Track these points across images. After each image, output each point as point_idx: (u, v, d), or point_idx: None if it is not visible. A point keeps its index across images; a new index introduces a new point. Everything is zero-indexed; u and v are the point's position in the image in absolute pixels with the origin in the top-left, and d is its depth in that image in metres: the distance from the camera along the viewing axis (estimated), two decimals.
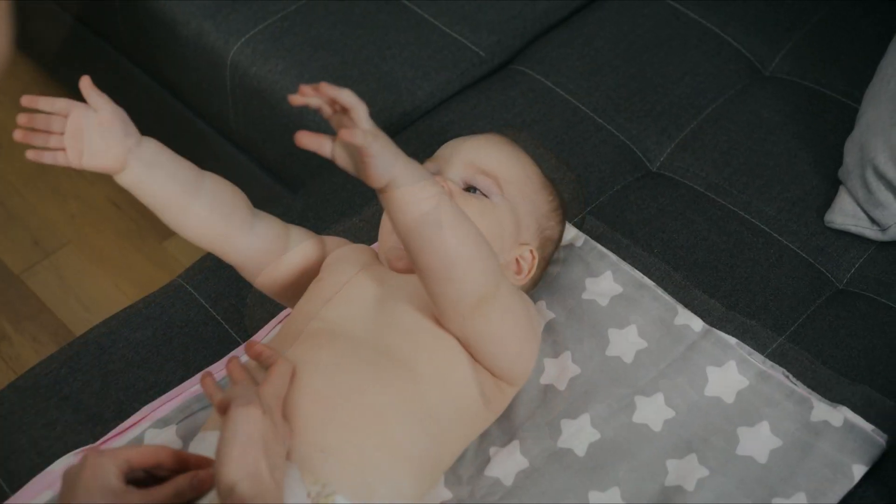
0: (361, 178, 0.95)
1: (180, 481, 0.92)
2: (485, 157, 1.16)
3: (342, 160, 0.95)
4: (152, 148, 1.05)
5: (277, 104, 1.54)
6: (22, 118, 1.01)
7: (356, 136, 0.90)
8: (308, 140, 0.93)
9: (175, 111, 1.78)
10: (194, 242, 1.11)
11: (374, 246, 1.25)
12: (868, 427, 1.12)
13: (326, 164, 1.52)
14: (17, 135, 1.02)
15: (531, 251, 1.16)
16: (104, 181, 2.07)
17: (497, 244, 1.12)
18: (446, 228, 0.97)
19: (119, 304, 1.91)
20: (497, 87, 1.49)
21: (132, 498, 0.88)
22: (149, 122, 1.85)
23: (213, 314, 1.26)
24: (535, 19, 1.60)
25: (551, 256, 1.23)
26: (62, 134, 1.02)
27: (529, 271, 1.17)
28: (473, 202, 1.12)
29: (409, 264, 1.12)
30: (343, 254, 1.15)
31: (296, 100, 0.93)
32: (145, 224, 2.00)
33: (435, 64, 1.54)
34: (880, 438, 1.12)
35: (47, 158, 1.02)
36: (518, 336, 1.07)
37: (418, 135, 1.40)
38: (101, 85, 1.94)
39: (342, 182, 1.40)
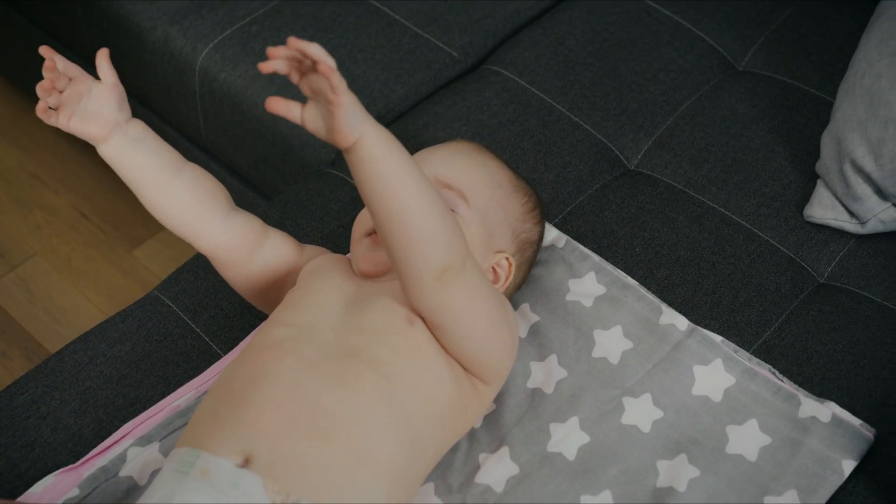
0: (331, 136, 0.95)
1: None
2: (449, 169, 1.16)
3: (312, 123, 0.96)
4: (139, 127, 1.09)
5: (248, 110, 1.52)
6: (49, 64, 1.03)
7: (333, 76, 0.91)
8: (277, 105, 0.95)
9: (142, 118, 1.75)
10: (167, 225, 1.12)
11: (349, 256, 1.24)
12: (856, 422, 1.12)
13: (300, 170, 1.51)
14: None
15: (507, 258, 1.16)
16: (69, 190, 2.04)
17: None
18: (414, 189, 0.98)
19: (89, 315, 1.90)
20: (471, 87, 1.48)
21: None
22: None
23: (192, 327, 1.24)
24: (505, 19, 1.59)
25: (534, 257, 1.22)
26: (62, 93, 1.05)
27: (507, 279, 1.16)
28: None
29: (378, 268, 1.11)
30: (320, 263, 1.15)
31: (266, 66, 0.94)
32: (113, 233, 1.97)
33: (408, 66, 1.53)
34: (868, 433, 1.12)
35: (39, 111, 1.04)
36: (485, 320, 1.06)
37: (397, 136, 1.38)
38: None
39: (318, 188, 1.38)
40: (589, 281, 1.24)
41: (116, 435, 1.14)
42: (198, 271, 1.30)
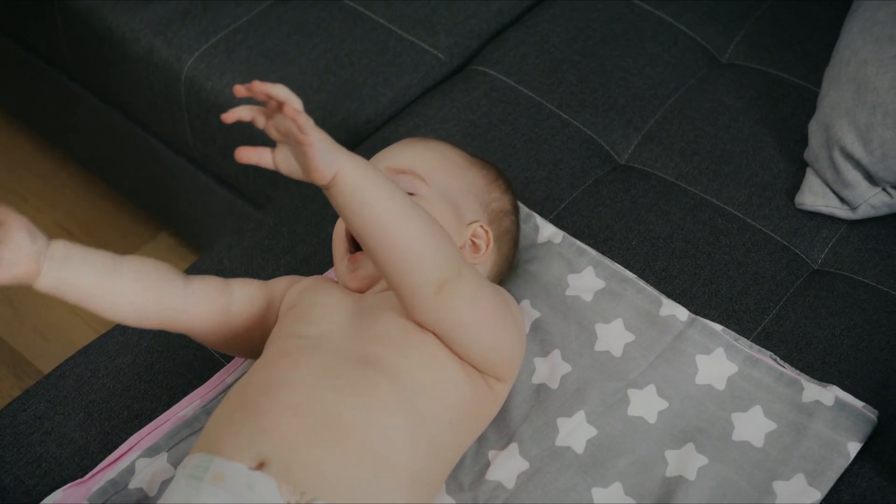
0: (308, 176, 0.95)
1: None
2: (399, 157, 1.17)
3: (285, 166, 0.95)
4: (61, 245, 1.01)
5: None
6: None
7: (300, 118, 0.90)
8: (248, 154, 0.93)
9: (126, 130, 1.75)
10: (137, 323, 1.07)
11: (328, 273, 1.25)
12: (859, 404, 1.14)
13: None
14: None
15: (481, 226, 1.16)
16: (50, 206, 2.02)
17: None
18: (398, 211, 0.98)
19: (78, 331, 1.89)
20: (459, 88, 1.48)
21: None
22: (99, 142, 1.82)
23: None
24: (489, 19, 1.60)
25: (515, 229, 1.22)
26: None
27: (487, 246, 1.17)
28: None
29: (365, 282, 1.12)
30: (307, 283, 1.14)
31: (229, 116, 0.93)
32: (99, 248, 1.95)
33: (395, 69, 1.53)
34: (871, 414, 1.14)
35: None
36: (491, 320, 1.06)
37: (385, 141, 1.39)
38: (44, 107, 1.90)
39: (312, 193, 1.38)
40: (588, 276, 1.25)
41: (123, 447, 1.14)
42: None
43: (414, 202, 1.00)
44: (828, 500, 1.09)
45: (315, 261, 1.30)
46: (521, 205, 1.31)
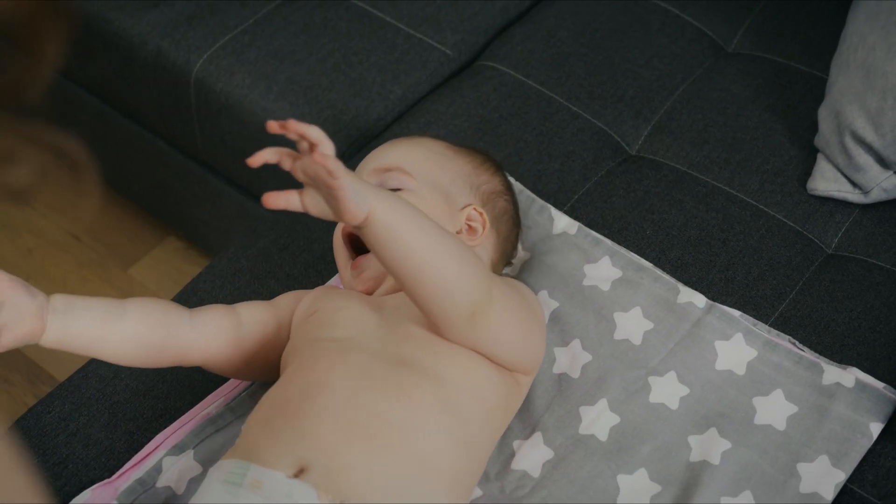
0: (339, 217, 0.94)
1: None
2: (384, 157, 1.18)
3: (315, 209, 0.94)
4: (61, 297, 1.01)
5: (247, 118, 1.52)
6: None
7: (329, 162, 0.89)
8: (276, 199, 0.93)
9: (132, 133, 1.75)
10: (153, 363, 1.07)
11: (333, 282, 1.25)
12: (880, 385, 1.15)
13: None
14: None
15: (474, 209, 1.17)
16: (56, 213, 2.02)
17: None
18: (432, 244, 0.98)
19: None
20: (468, 84, 1.49)
21: None
22: (105, 146, 1.82)
23: None
24: (495, 14, 1.61)
25: (513, 210, 1.23)
26: None
27: (484, 227, 1.17)
28: None
29: (371, 284, 1.14)
30: (318, 293, 1.14)
31: (255, 161, 0.92)
32: (107, 253, 1.95)
33: (403, 66, 1.54)
34: (892, 395, 1.14)
35: None
36: (520, 330, 1.07)
37: (395, 138, 1.39)
38: (46, 111, 1.90)
39: None
40: (604, 265, 1.26)
41: (149, 446, 1.14)
42: (213, 281, 1.30)
43: (444, 231, 1.00)
44: (852, 480, 1.10)
45: (332, 258, 1.30)
46: (535, 196, 1.32)
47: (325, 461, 0.94)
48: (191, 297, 1.28)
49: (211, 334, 1.08)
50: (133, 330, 1.03)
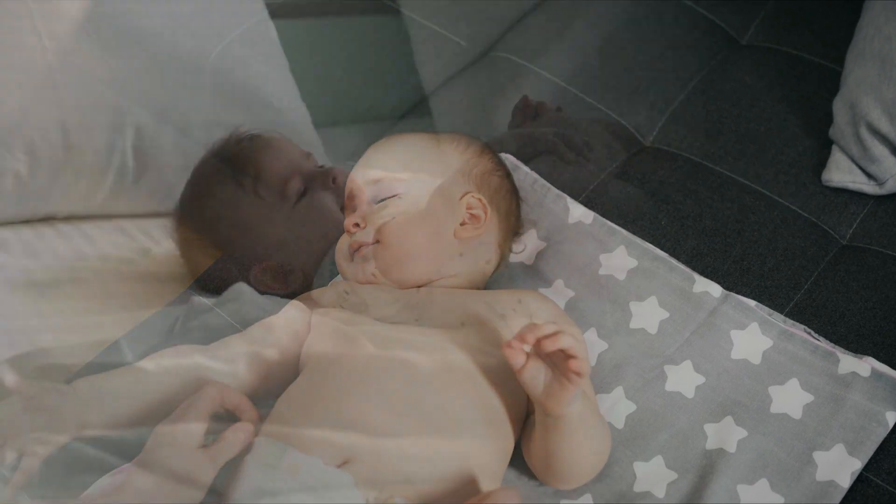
0: (547, 400, 0.99)
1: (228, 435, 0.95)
2: (369, 168, 1.18)
3: (531, 379, 0.99)
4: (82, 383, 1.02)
5: (262, 102, 1.52)
6: None
7: (584, 367, 0.96)
8: (511, 353, 0.98)
9: None
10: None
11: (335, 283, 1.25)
12: (895, 374, 1.15)
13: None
14: None
15: (472, 196, 1.17)
16: None
17: (438, 221, 1.14)
18: (593, 443, 1.05)
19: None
20: (483, 74, 1.50)
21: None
22: None
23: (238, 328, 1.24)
24: (510, 6, 1.62)
25: (509, 184, 1.23)
26: None
27: (486, 212, 1.17)
28: (392, 209, 1.14)
29: (370, 278, 1.14)
30: (334, 287, 1.15)
31: (515, 361, 0.97)
32: None
33: (418, 56, 1.54)
34: None
35: None
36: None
37: (412, 128, 1.40)
38: None
39: None
40: (620, 255, 1.26)
41: None
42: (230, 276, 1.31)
43: (605, 434, 1.07)
44: (867, 468, 1.10)
45: None
46: (550, 186, 1.32)
47: (366, 449, 0.95)
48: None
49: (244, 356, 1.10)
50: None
